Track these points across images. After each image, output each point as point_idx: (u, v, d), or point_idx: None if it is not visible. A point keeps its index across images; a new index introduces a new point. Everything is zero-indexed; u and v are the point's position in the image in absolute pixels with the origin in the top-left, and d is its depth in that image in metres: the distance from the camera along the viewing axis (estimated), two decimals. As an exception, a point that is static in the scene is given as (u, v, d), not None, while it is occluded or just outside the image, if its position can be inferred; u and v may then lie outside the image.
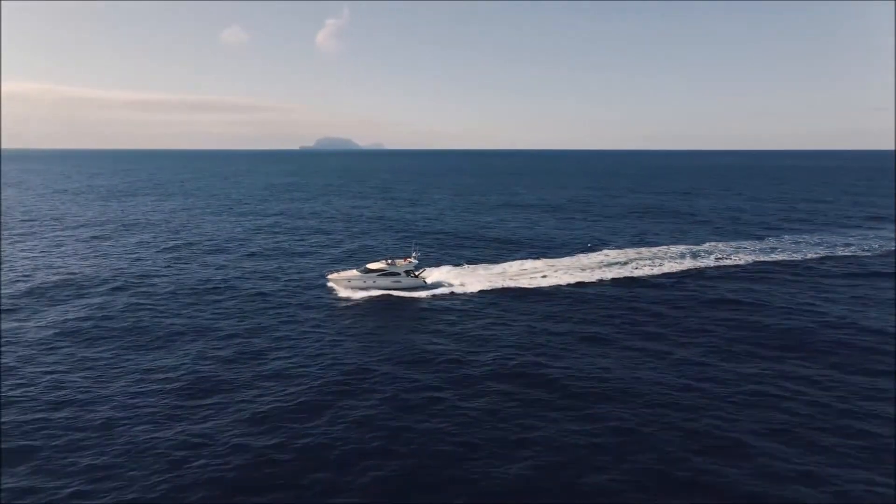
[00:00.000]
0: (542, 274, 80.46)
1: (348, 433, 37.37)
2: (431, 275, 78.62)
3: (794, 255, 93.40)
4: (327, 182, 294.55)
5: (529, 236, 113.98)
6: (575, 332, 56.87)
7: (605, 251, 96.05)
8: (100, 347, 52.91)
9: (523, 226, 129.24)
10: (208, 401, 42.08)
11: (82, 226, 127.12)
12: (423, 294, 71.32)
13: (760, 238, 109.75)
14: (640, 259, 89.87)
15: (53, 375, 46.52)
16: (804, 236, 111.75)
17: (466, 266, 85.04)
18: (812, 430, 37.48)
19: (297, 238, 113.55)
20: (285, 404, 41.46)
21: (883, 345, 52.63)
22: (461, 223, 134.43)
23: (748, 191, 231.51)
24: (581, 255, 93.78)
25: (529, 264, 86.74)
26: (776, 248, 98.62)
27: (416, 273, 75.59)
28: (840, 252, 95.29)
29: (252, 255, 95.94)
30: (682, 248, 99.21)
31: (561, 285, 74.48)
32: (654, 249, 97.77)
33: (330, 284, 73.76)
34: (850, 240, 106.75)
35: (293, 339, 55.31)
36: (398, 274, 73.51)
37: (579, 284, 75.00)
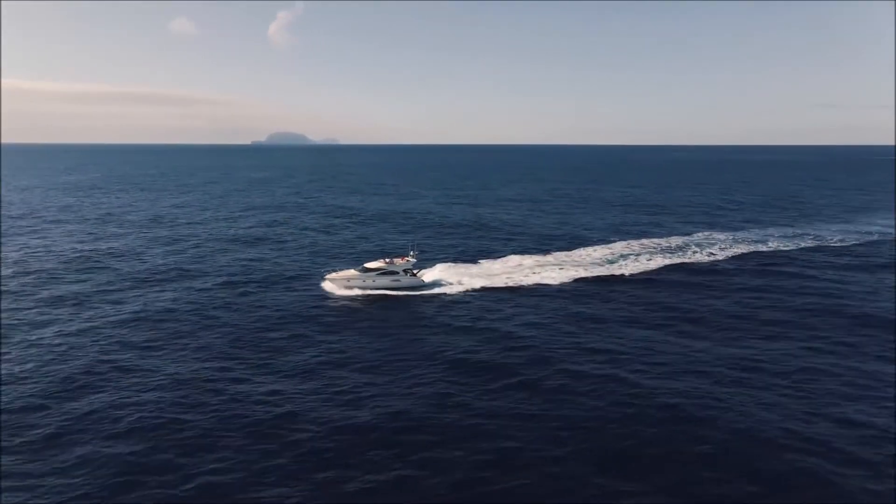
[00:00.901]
0: (533, 270, 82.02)
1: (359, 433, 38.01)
2: (427, 273, 79.19)
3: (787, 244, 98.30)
4: (303, 180, 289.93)
5: (516, 231, 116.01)
6: (599, 323, 58.73)
7: (589, 247, 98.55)
8: (126, 353, 51.67)
9: (506, 221, 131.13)
10: (215, 400, 41.87)
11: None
12: (422, 293, 71.87)
13: (737, 230, 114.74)
14: (631, 254, 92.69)
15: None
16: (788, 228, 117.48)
17: (461, 264, 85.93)
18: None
19: (291, 237, 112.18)
20: (298, 407, 41.79)
21: None
22: (448, 218, 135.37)
23: (716, 184, 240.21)
24: (569, 251, 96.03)
25: (519, 259, 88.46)
26: (757, 240, 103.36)
27: (415, 272, 76.12)
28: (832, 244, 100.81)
29: (246, 256, 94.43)
30: (677, 240, 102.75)
31: (561, 282, 76.27)
32: (636, 243, 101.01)
33: (328, 285, 73.49)
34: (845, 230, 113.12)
35: (296, 341, 55.14)
36: (397, 273, 73.79)
37: (576, 280, 77.10)
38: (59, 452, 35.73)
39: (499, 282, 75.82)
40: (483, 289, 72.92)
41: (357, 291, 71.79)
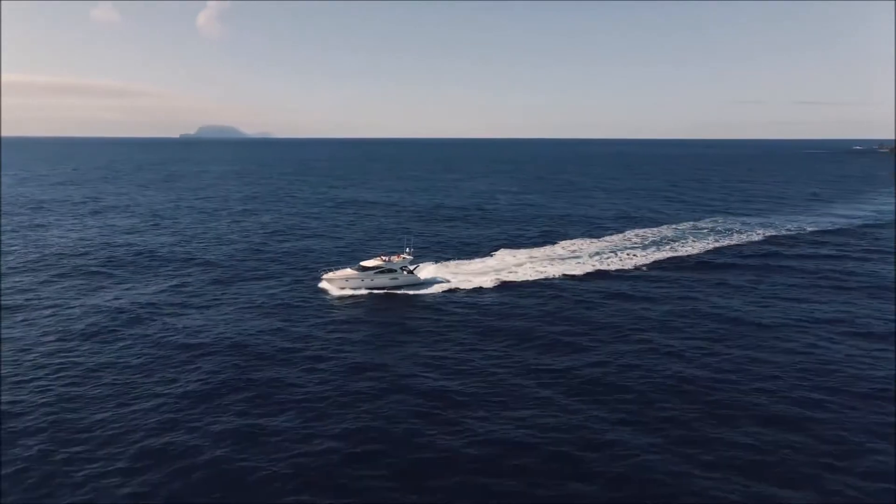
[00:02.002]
0: (524, 266, 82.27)
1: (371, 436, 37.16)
2: (422, 271, 77.99)
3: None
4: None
5: (499, 224, 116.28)
6: (584, 324, 59.34)
7: (566, 242, 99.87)
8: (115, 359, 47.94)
9: (487, 214, 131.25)
10: (231, 398, 39.72)
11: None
12: (420, 291, 70.70)
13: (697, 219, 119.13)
14: (620, 249, 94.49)
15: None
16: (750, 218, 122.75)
17: (451, 261, 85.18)
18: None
19: (280, 238, 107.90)
20: (305, 408, 40.47)
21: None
22: (422, 210, 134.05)
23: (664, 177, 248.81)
24: (550, 245, 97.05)
25: (509, 256, 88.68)
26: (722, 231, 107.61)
27: (411, 269, 74.88)
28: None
29: (240, 259, 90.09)
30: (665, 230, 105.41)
31: (551, 277, 76.85)
32: (616, 238, 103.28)
33: (325, 284, 71.16)
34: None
35: (299, 342, 53.12)
36: (395, 271, 72.35)
37: (567, 277, 77.82)
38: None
39: (496, 278, 75.42)
40: (483, 287, 72.34)
41: (355, 290, 69.86)
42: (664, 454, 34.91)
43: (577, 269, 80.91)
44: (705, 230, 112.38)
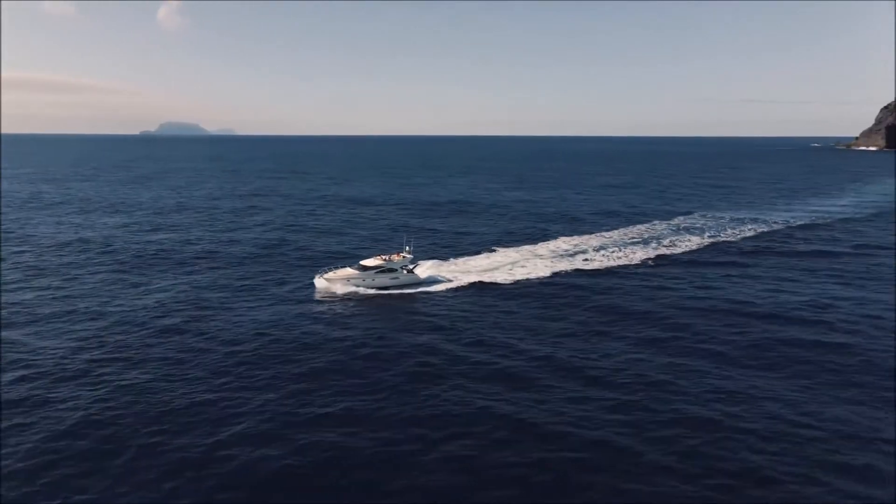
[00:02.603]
0: (521, 265, 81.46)
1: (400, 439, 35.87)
2: (420, 269, 76.47)
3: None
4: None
5: (491, 222, 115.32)
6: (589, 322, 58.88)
7: (560, 239, 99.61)
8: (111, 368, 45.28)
9: (479, 211, 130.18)
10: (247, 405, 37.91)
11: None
12: (421, 290, 69.31)
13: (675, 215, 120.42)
14: (615, 245, 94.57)
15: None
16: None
17: (448, 259, 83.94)
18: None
19: (271, 238, 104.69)
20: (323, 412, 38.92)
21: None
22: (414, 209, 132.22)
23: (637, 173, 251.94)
24: (542, 242, 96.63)
25: (505, 253, 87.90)
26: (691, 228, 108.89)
27: (411, 268, 73.40)
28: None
29: (234, 260, 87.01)
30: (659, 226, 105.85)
31: (558, 272, 76.31)
32: (610, 234, 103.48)
33: (325, 284, 68.94)
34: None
35: (304, 346, 51.12)
36: (396, 270, 70.76)
37: (557, 274, 77.37)
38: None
39: (495, 276, 74.46)
40: (482, 283, 71.37)
41: (355, 290, 68.01)
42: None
43: (582, 264, 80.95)
44: (698, 225, 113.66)
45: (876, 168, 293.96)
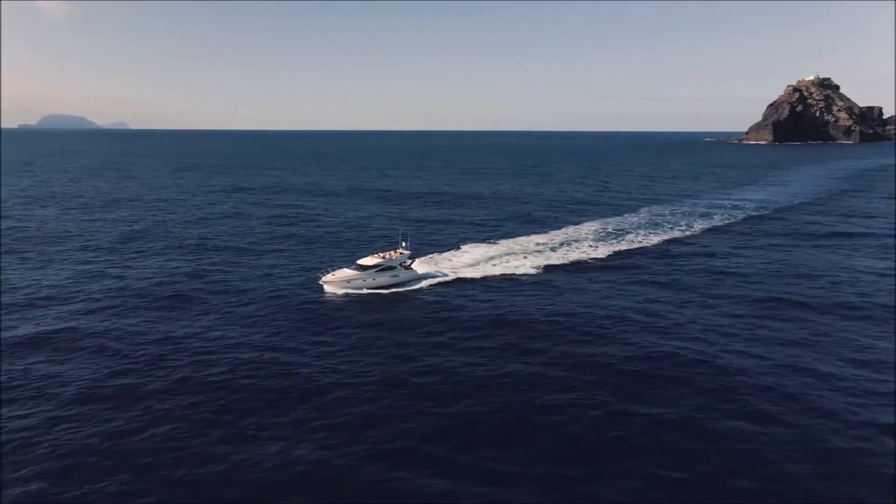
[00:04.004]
0: (505, 260, 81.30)
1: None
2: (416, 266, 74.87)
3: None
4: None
5: (461, 215, 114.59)
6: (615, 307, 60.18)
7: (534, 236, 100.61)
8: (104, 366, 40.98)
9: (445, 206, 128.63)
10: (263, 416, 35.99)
11: None
12: (421, 285, 67.98)
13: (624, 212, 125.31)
14: (596, 240, 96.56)
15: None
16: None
17: (433, 255, 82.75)
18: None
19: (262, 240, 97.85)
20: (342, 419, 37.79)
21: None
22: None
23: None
24: (526, 236, 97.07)
25: (485, 248, 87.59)
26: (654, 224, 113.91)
27: (409, 264, 71.76)
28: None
29: (224, 262, 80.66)
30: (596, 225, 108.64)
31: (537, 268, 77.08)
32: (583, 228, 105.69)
33: (326, 286, 65.86)
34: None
35: (313, 349, 49.25)
36: (395, 268, 68.92)
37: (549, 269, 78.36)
38: None
39: (491, 271, 74.25)
40: (483, 279, 71.01)
41: (356, 291, 65.46)
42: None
43: (554, 259, 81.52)
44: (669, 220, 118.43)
45: (781, 158, 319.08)
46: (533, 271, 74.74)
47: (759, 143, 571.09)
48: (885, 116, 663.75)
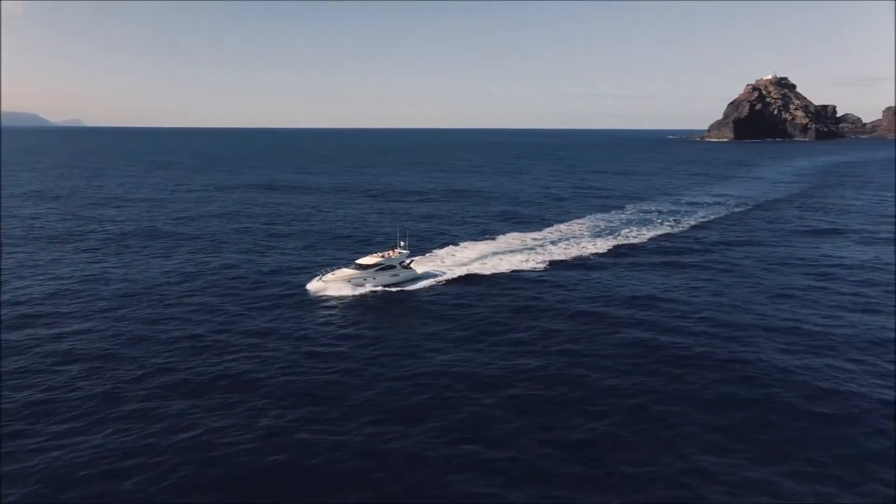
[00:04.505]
0: (502, 257, 79.51)
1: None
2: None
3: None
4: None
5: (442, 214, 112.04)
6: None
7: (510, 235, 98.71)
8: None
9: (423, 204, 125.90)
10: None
11: None
12: (421, 284, 65.60)
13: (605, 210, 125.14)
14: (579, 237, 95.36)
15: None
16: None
17: (435, 252, 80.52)
18: None
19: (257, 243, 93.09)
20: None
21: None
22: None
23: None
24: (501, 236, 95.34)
25: (483, 245, 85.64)
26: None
27: (408, 263, 69.27)
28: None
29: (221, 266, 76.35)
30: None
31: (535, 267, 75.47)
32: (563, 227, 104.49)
33: (323, 286, 62.76)
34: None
35: (321, 352, 46.75)
36: (395, 267, 66.39)
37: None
38: None
39: (484, 269, 72.10)
40: (481, 277, 69.01)
41: (355, 291, 62.56)
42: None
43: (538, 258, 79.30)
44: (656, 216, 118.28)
45: (746, 155, 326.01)
46: (540, 266, 73.45)
47: (721, 140, 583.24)
48: (838, 115, 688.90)
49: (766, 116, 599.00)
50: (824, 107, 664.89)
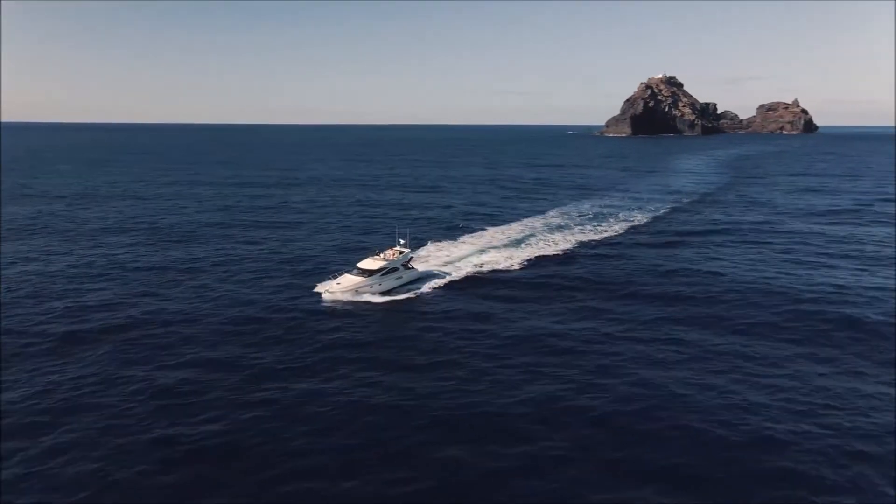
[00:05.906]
0: (488, 254, 77.78)
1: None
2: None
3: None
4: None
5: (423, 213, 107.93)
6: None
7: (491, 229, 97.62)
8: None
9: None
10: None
11: None
12: (424, 288, 62.14)
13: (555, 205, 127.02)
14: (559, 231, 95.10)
15: None
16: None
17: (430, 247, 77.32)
18: None
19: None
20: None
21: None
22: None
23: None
24: (490, 229, 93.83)
25: (472, 242, 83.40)
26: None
27: (408, 262, 65.65)
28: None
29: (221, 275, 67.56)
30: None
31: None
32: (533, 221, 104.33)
33: (326, 294, 57.79)
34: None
35: (332, 363, 43.72)
36: (398, 269, 62.65)
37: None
38: None
39: (482, 267, 70.14)
40: (479, 275, 66.94)
41: (358, 298, 58.08)
42: None
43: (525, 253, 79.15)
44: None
45: (652, 149, 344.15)
46: (525, 264, 72.45)
47: (620, 135, 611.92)
48: (718, 111, 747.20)
49: (658, 113, 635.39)
50: (707, 104, 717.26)
